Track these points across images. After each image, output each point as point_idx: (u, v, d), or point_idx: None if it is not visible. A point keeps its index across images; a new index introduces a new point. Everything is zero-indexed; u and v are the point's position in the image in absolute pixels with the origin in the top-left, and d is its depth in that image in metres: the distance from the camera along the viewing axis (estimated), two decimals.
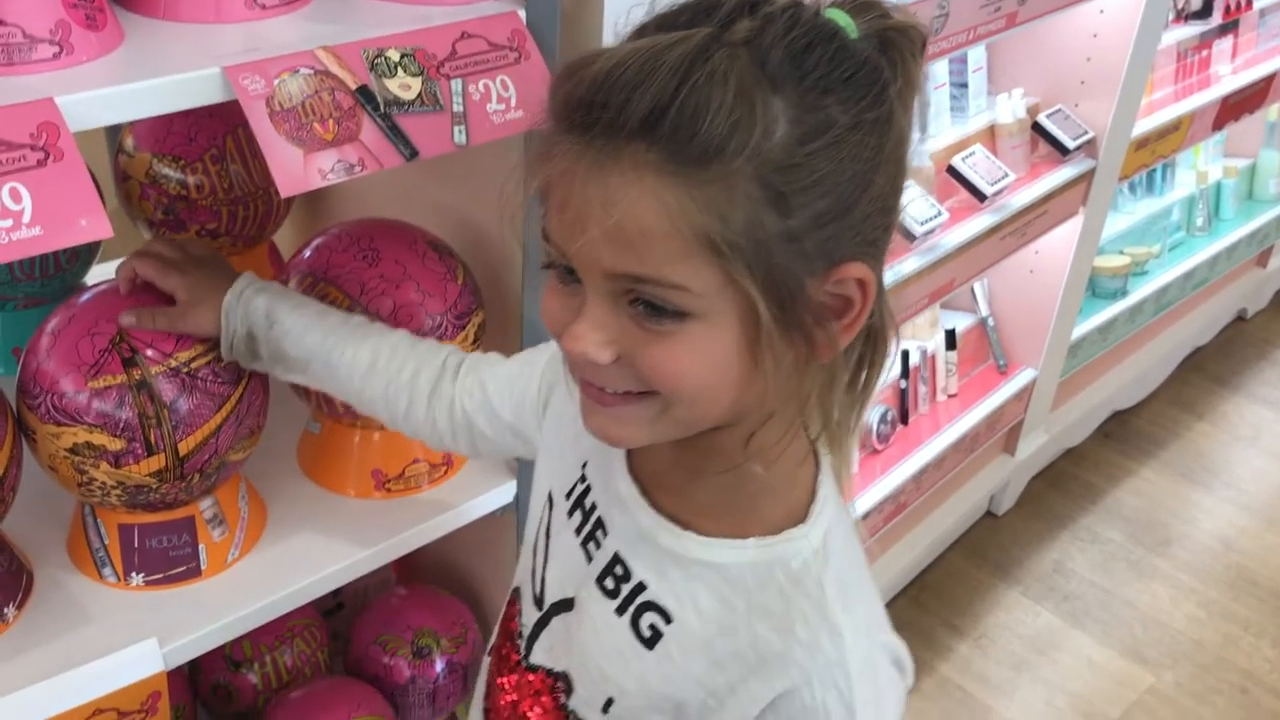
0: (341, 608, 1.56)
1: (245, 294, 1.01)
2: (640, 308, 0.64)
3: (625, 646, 0.76)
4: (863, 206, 0.64)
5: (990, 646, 2.18)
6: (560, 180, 0.63)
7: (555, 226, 0.65)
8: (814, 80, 0.61)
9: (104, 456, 0.99)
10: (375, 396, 1.01)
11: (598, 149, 0.61)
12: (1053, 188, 2.03)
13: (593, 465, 0.83)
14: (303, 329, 1.00)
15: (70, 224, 0.75)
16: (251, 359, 1.02)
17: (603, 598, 0.78)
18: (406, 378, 0.99)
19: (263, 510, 1.17)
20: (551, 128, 0.64)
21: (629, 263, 0.62)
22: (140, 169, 1.33)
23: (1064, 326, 2.32)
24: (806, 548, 0.73)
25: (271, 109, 0.85)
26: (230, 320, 1.00)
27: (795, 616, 0.71)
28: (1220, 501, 2.59)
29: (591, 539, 0.81)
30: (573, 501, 0.84)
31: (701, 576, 0.74)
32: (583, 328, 0.65)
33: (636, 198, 0.60)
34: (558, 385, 0.89)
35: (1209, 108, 2.46)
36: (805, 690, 0.70)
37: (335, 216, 1.45)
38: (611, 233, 0.61)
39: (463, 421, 0.98)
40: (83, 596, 1.07)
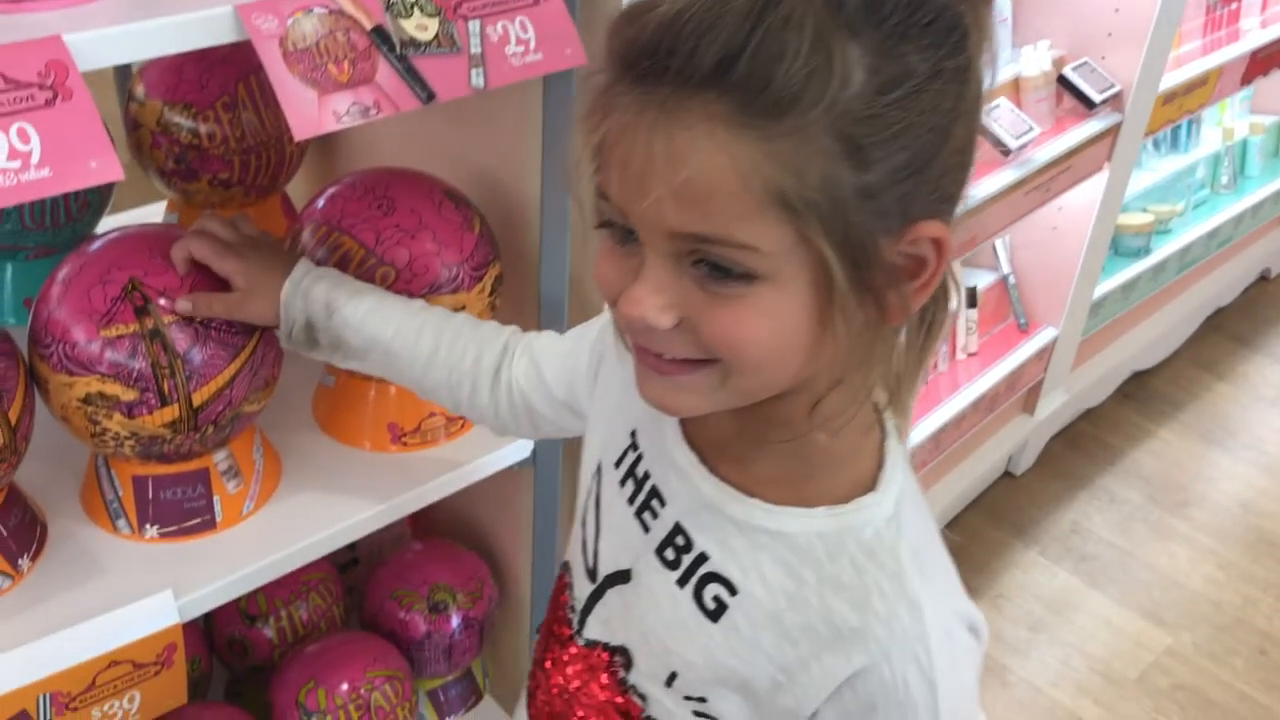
0: (356, 563, 1.55)
1: (304, 284, 0.99)
2: (705, 269, 0.61)
3: (688, 619, 0.74)
4: (941, 161, 0.61)
5: (1007, 606, 2.17)
6: (620, 135, 0.59)
7: (615, 184, 0.61)
8: (892, 26, 0.57)
9: (117, 407, 0.98)
10: (438, 384, 0.99)
11: (661, 100, 0.57)
12: (1078, 142, 1.99)
13: (643, 434, 0.80)
14: (363, 317, 0.98)
15: (80, 165, 0.73)
16: (310, 347, 1.01)
17: (663, 569, 0.76)
18: (469, 364, 0.97)
19: (278, 463, 1.16)
20: (609, 78, 0.60)
21: (694, 222, 0.59)
22: (151, 117, 1.31)
23: (1086, 285, 2.29)
24: (878, 516, 0.70)
25: (285, 49, 0.83)
26: (289, 311, 0.99)
27: (871, 589, 0.68)
28: (1240, 463, 2.57)
29: (647, 509, 0.78)
30: (624, 471, 0.81)
31: (767, 547, 0.71)
32: (642, 290, 0.62)
33: (705, 152, 0.57)
34: (607, 355, 0.86)
35: (1237, 62, 2.41)
36: (884, 666, 0.68)
37: (350, 167, 1.42)
38: (677, 190, 0.58)
39: (521, 404, 0.96)
40: (97, 548, 1.06)
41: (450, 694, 1.49)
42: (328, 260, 1.09)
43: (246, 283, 0.99)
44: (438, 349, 0.98)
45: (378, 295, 1.00)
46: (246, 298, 0.99)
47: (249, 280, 0.99)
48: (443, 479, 1.17)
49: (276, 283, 0.99)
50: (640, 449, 0.80)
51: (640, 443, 0.80)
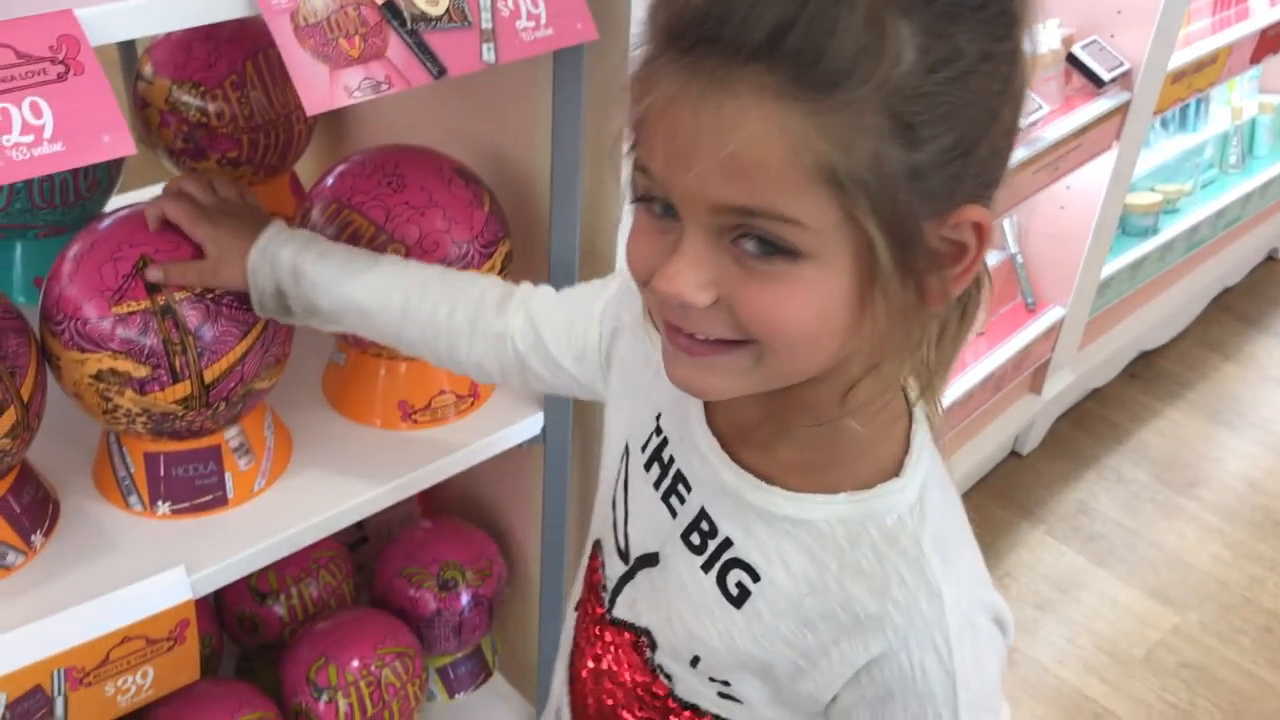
0: (366, 541, 1.56)
1: (269, 249, 0.97)
2: (748, 244, 0.59)
3: (713, 604, 0.74)
4: (987, 144, 0.60)
5: (1014, 586, 2.17)
6: (666, 106, 0.58)
7: (658, 156, 0.60)
8: (944, 7, 0.56)
9: (129, 383, 0.98)
10: (414, 340, 0.98)
11: (709, 71, 0.56)
12: (1086, 121, 1.99)
13: (668, 417, 0.80)
14: (330, 279, 0.97)
15: (93, 140, 0.73)
16: (285, 314, 1.00)
17: (688, 553, 0.76)
18: (442, 317, 0.95)
19: (288, 440, 1.16)
20: (652, 50, 0.60)
21: (740, 195, 0.58)
22: (160, 96, 1.31)
23: (1094, 264, 2.28)
24: (901, 502, 0.69)
25: (296, 24, 0.82)
26: (257, 278, 0.97)
27: (891, 576, 0.68)
28: (1247, 442, 2.57)
29: (673, 493, 0.78)
30: (649, 455, 0.81)
31: (790, 533, 0.71)
32: (679, 266, 0.61)
33: (754, 123, 0.56)
34: (621, 331, 0.86)
35: (1246, 40, 2.40)
36: (902, 654, 0.67)
37: (358, 146, 1.42)
38: (724, 161, 0.57)
39: (514, 361, 0.95)
40: (109, 525, 1.06)
41: (460, 671, 1.50)
42: (338, 238, 1.09)
43: (217, 250, 0.97)
44: (407, 304, 0.96)
45: (344, 254, 0.98)
46: (217, 265, 0.97)
47: (220, 247, 0.97)
48: (452, 457, 1.17)
49: (244, 248, 0.97)
50: (665, 433, 0.80)
51: (664, 427, 0.80)
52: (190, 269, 0.98)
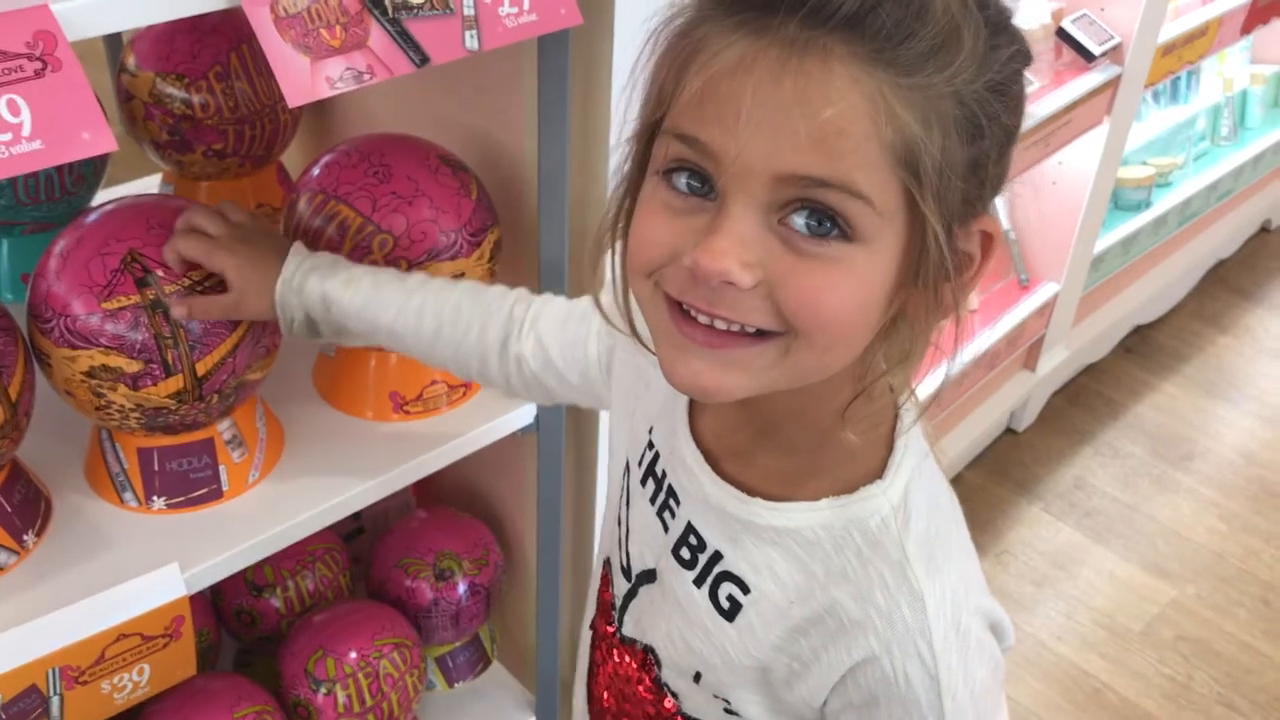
0: (362, 531, 1.55)
1: (296, 280, 0.97)
2: (799, 222, 0.57)
3: (706, 619, 0.74)
4: (1008, 154, 0.60)
5: (1012, 562, 2.17)
6: (730, 71, 0.56)
7: (712, 122, 0.57)
8: (993, 13, 0.57)
9: (122, 379, 0.98)
10: (446, 359, 0.98)
11: (790, 37, 0.54)
12: (1078, 95, 1.98)
13: (658, 430, 0.79)
14: (361, 305, 0.97)
15: (72, 137, 0.73)
16: (313, 337, 1.00)
17: (680, 568, 0.75)
18: (474, 339, 0.95)
19: (280, 433, 1.16)
20: (702, 10, 0.58)
21: (816, 163, 0.55)
22: (144, 88, 1.29)
23: (1087, 239, 2.28)
24: (884, 504, 0.67)
25: (276, 15, 0.82)
26: (286, 309, 0.97)
27: (874, 581, 0.67)
28: (1242, 415, 2.57)
29: (666, 508, 0.77)
30: (644, 469, 0.80)
31: (776, 543, 0.70)
32: (725, 242, 0.57)
33: (841, 91, 0.54)
34: (617, 345, 0.85)
35: (1237, 11, 2.39)
36: (885, 659, 0.66)
37: (344, 135, 1.41)
38: (806, 128, 0.54)
39: (534, 380, 0.95)
40: (103, 522, 1.06)
41: (458, 660, 1.50)
42: (325, 229, 1.08)
43: (240, 281, 0.97)
44: (440, 326, 0.96)
45: (373, 279, 0.98)
46: (242, 297, 0.97)
47: (242, 278, 0.97)
48: (446, 447, 1.17)
49: (270, 278, 0.97)
50: (656, 446, 0.79)
51: (655, 440, 0.79)
52: (215, 304, 0.98)
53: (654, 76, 0.62)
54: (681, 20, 0.60)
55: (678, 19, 0.61)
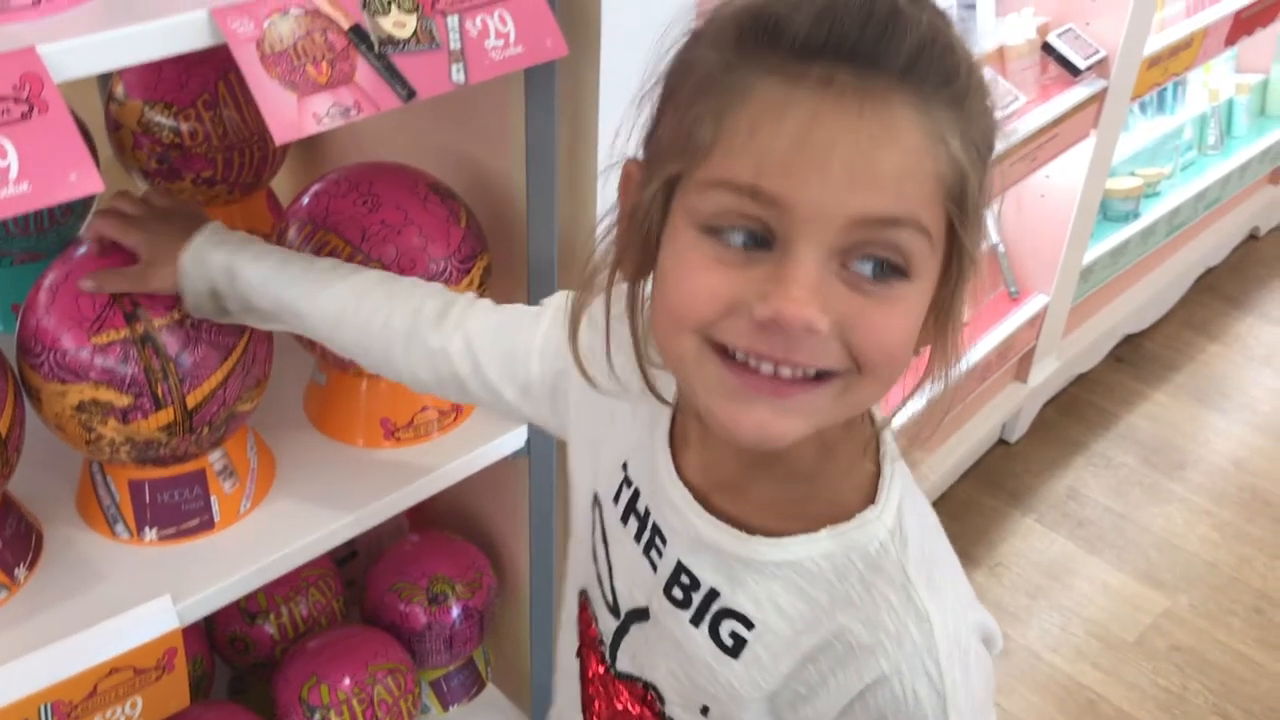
0: (355, 555, 1.56)
1: (201, 250, 0.96)
2: (863, 267, 0.58)
3: (709, 657, 0.73)
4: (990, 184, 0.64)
5: (1005, 574, 2.18)
6: (788, 120, 0.57)
7: (773, 172, 0.57)
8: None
9: (112, 413, 0.98)
10: (349, 344, 0.97)
11: (849, 85, 0.56)
12: (1064, 110, 1.99)
13: (635, 466, 0.78)
14: (264, 280, 0.96)
15: (59, 179, 0.73)
16: (220, 314, 0.99)
17: (675, 609, 0.75)
18: (378, 326, 0.94)
19: (272, 462, 1.16)
20: (743, 58, 0.59)
21: (885, 204, 0.57)
22: (132, 117, 1.30)
23: (1076, 251, 2.29)
24: (881, 529, 0.68)
25: (262, 52, 0.82)
26: (189, 279, 0.97)
27: (880, 605, 0.67)
28: (1234, 423, 2.58)
29: (652, 547, 0.76)
30: (624, 507, 0.79)
31: (776, 576, 0.70)
32: (802, 291, 0.57)
33: (904, 131, 0.57)
34: (567, 372, 0.83)
35: (1221, 22, 2.40)
36: (895, 680, 0.67)
37: (333, 161, 1.42)
38: (874, 171, 0.57)
39: (452, 379, 0.92)
40: (95, 554, 1.06)
41: (453, 683, 1.50)
42: None
43: (148, 253, 0.97)
44: (343, 311, 0.95)
45: (281, 256, 0.97)
46: (148, 269, 0.97)
47: (152, 252, 0.97)
48: (437, 473, 1.17)
49: (174, 249, 0.97)
50: (635, 483, 0.78)
51: (633, 476, 0.78)
52: (123, 275, 0.98)
53: (675, 123, 0.61)
54: (702, 63, 0.61)
55: (695, 61, 0.61)
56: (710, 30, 0.62)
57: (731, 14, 0.60)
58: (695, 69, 0.61)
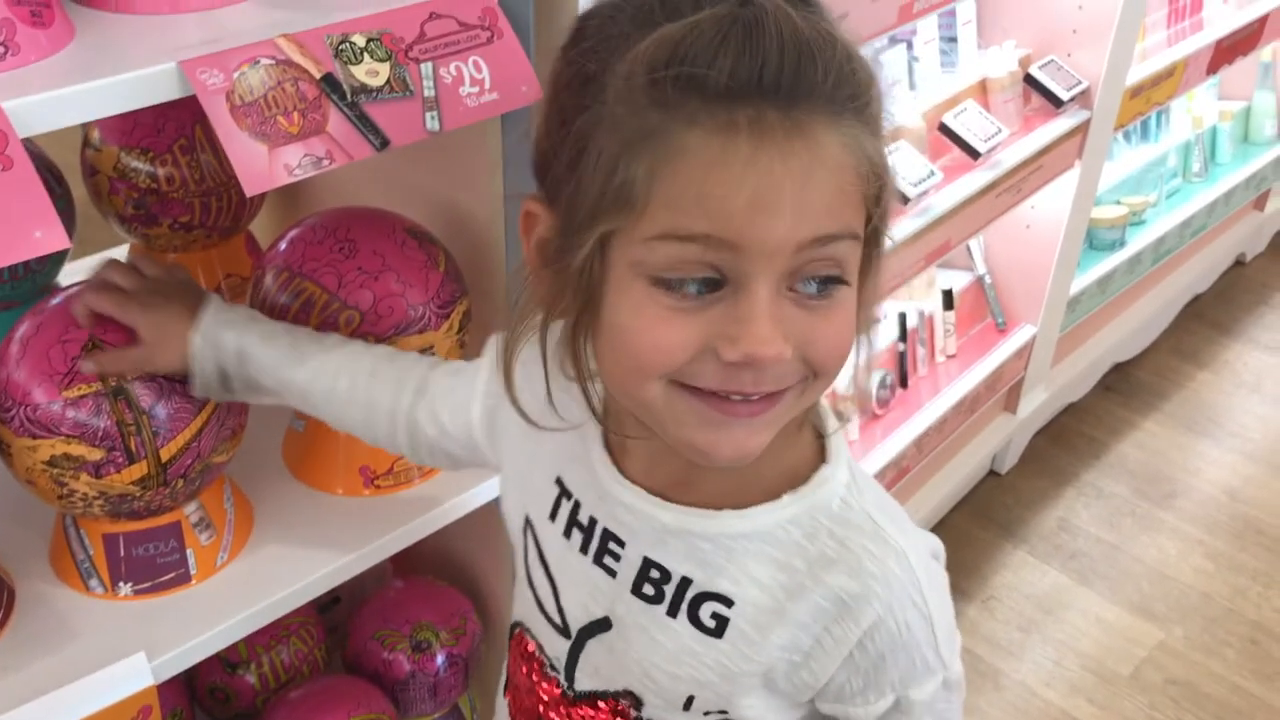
0: (338, 601, 1.53)
1: (210, 332, 0.96)
2: (806, 286, 0.62)
3: (691, 643, 0.74)
4: None
5: (998, 608, 2.16)
6: (727, 165, 0.58)
7: (719, 217, 0.59)
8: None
9: (84, 467, 0.96)
10: (354, 424, 0.98)
11: (774, 122, 0.58)
12: (1047, 141, 1.99)
13: (572, 479, 0.80)
14: (276, 363, 0.96)
15: (24, 236, 0.72)
16: (224, 393, 0.99)
17: (647, 606, 0.76)
18: (386, 405, 0.95)
19: (249, 512, 1.14)
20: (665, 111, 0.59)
21: (825, 223, 0.61)
22: (108, 163, 1.29)
23: (1062, 281, 2.28)
24: (839, 486, 0.73)
25: (232, 104, 0.81)
26: (200, 363, 0.96)
27: (860, 554, 0.71)
28: (1225, 451, 2.57)
29: (605, 554, 0.77)
30: (564, 522, 0.80)
31: (747, 550, 0.72)
32: (765, 329, 0.61)
33: (834, 152, 0.60)
34: (500, 406, 0.85)
35: (1203, 51, 2.41)
36: (889, 618, 0.71)
37: (313, 203, 1.41)
38: (813, 198, 0.60)
39: (438, 447, 0.95)
40: (69, 610, 1.04)
41: None
42: (291, 305, 1.07)
43: (152, 334, 0.96)
44: (355, 389, 0.96)
45: (291, 337, 0.98)
46: (153, 351, 0.96)
47: (155, 331, 0.96)
48: (418, 521, 1.15)
49: (183, 331, 0.95)
50: (575, 495, 0.79)
51: (572, 489, 0.80)
52: (126, 356, 0.96)
53: (599, 179, 0.62)
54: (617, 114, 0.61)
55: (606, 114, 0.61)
56: (618, 79, 0.61)
57: (643, 60, 0.60)
58: (608, 119, 0.61)
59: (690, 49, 0.58)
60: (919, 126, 1.84)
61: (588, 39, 0.65)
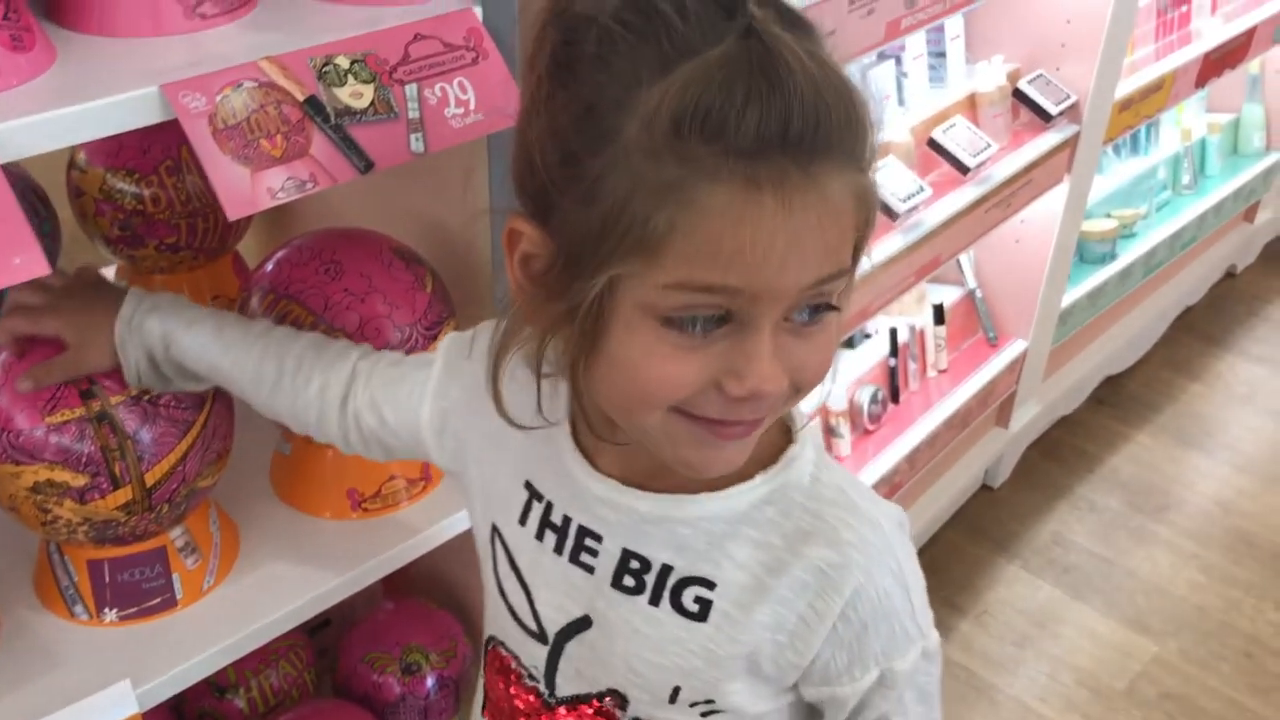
0: (328, 623, 1.52)
1: (135, 319, 0.94)
2: (803, 314, 0.64)
3: (676, 630, 0.75)
4: None
5: (992, 623, 2.15)
6: (747, 219, 0.59)
7: (736, 266, 0.60)
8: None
9: (68, 494, 0.95)
10: (282, 410, 0.97)
11: (789, 175, 0.59)
12: (1037, 156, 1.99)
13: (542, 481, 0.80)
14: (201, 347, 0.95)
15: (3, 263, 0.71)
16: (158, 381, 0.97)
17: (629, 597, 0.77)
18: (314, 392, 0.94)
19: (236, 536, 1.13)
20: (705, 159, 0.59)
21: (826, 265, 0.63)
22: (94, 184, 1.28)
23: (1053, 295, 2.28)
24: (807, 463, 0.75)
25: (214, 127, 0.81)
26: (127, 351, 0.94)
27: (836, 525, 0.73)
28: (1217, 463, 2.57)
29: (582, 550, 0.78)
30: (535, 524, 0.80)
31: (725, 531, 0.74)
32: (769, 367, 0.64)
33: (841, 200, 0.62)
34: (453, 412, 0.87)
35: (1191, 65, 2.42)
36: (869, 585, 0.72)
37: (301, 223, 1.40)
38: (821, 244, 0.62)
39: (372, 437, 0.94)
40: (53, 638, 1.03)
41: None
42: None
43: (75, 337, 0.94)
44: (281, 375, 0.95)
45: (216, 321, 0.96)
46: (80, 352, 0.94)
47: (76, 333, 0.94)
48: (406, 544, 1.14)
49: (105, 326, 0.94)
50: (546, 497, 0.80)
51: (543, 491, 0.80)
52: (56, 365, 0.94)
53: (609, 220, 0.61)
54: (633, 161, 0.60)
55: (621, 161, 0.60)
56: (635, 126, 0.60)
57: (664, 112, 0.59)
58: (623, 165, 0.61)
59: (713, 102, 0.58)
60: (907, 142, 1.84)
61: (580, 56, 0.63)
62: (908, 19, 1.55)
